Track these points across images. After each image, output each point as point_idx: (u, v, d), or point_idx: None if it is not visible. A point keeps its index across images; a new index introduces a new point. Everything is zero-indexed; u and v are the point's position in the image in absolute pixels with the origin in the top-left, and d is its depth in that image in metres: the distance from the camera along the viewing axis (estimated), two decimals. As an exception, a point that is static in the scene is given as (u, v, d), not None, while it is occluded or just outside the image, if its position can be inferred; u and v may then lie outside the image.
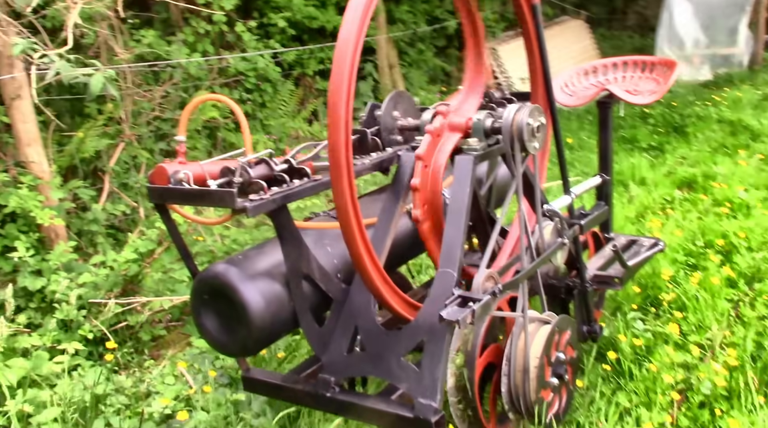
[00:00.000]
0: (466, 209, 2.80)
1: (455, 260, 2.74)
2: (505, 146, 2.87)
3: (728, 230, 5.08)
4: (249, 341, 2.74)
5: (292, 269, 2.76)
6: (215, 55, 7.03)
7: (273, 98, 7.53)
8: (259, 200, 2.55)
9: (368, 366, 2.85)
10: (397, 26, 9.39)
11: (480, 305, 2.60)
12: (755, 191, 5.95)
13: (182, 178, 2.64)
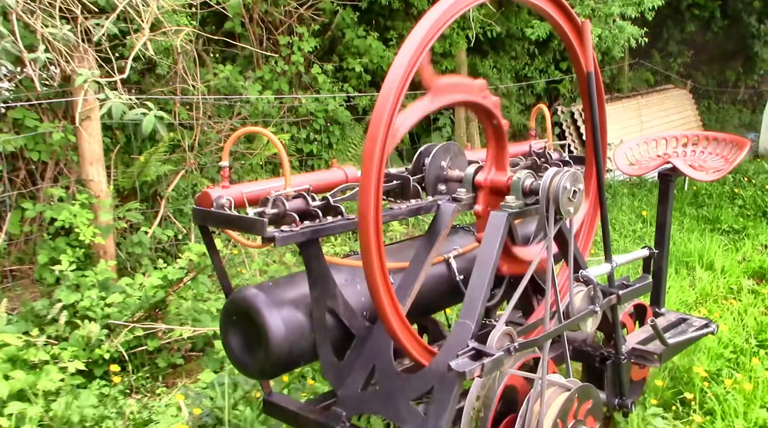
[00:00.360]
0: (493, 263, 2.79)
1: (475, 312, 2.73)
2: (541, 208, 2.87)
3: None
4: (267, 364, 2.80)
5: (317, 302, 2.82)
6: (288, 95, 7.13)
7: (340, 140, 7.56)
8: (288, 231, 2.64)
9: (379, 405, 2.87)
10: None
11: (491, 361, 2.60)
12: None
13: (224, 203, 2.76)
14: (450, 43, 8.02)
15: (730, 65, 14.11)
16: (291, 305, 2.84)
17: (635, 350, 3.59)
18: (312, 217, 2.79)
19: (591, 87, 3.15)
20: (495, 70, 9.54)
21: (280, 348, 2.76)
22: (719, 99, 13.86)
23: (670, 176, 3.95)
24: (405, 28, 8.11)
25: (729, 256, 6.46)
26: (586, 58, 3.13)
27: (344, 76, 7.92)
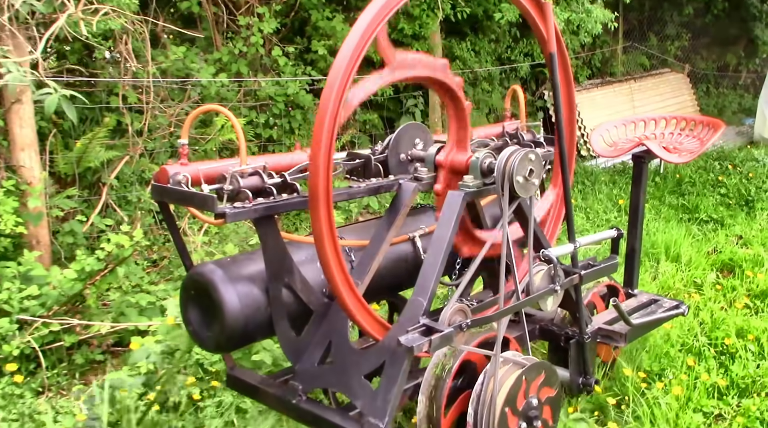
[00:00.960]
0: (447, 242, 2.74)
1: (428, 290, 2.70)
2: (497, 187, 2.81)
3: (745, 328, 4.31)
4: (222, 338, 2.79)
5: (272, 278, 2.79)
6: (248, 78, 6.73)
7: (303, 125, 7.07)
8: (241, 207, 2.62)
9: (333, 379, 2.86)
10: (455, 64, 8.73)
11: (439, 336, 2.58)
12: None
13: (181, 180, 2.73)
14: (420, 24, 7.53)
15: (731, 49, 13.38)
16: (247, 281, 2.81)
17: (601, 330, 3.52)
18: (267, 194, 2.76)
19: (554, 67, 3.06)
20: (473, 53, 9.00)
21: (235, 322, 2.74)
22: (719, 83, 13.21)
23: (643, 158, 3.85)
24: None
25: (699, 247, 6.02)
26: (549, 39, 3.03)
27: (311, 59, 7.39)
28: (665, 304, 3.89)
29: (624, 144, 3.96)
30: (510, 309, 2.90)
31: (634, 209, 3.91)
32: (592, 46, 10.82)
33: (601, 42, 11.01)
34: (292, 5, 7.23)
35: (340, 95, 2.39)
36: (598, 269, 3.38)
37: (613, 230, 3.58)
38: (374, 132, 7.88)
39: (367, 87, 2.54)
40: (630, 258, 4.03)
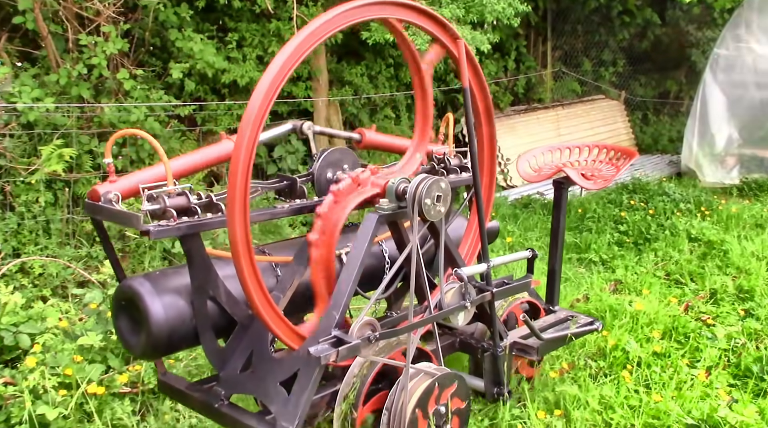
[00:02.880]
0: (361, 260, 2.73)
1: (341, 304, 2.69)
2: (408, 210, 2.78)
3: (579, 399, 3.65)
4: (148, 346, 2.76)
5: (198, 291, 2.77)
6: (92, 103, 5.74)
7: (155, 155, 5.97)
8: (165, 226, 2.60)
9: (252, 386, 2.84)
10: (345, 90, 7.89)
11: (346, 347, 2.57)
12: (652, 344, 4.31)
13: (111, 198, 2.69)
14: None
15: (672, 75, 12.77)
16: (174, 293, 2.78)
17: (516, 343, 3.49)
18: (192, 213, 2.71)
19: (466, 102, 3.02)
20: (366, 78, 8.08)
21: (159, 332, 2.72)
22: (659, 111, 12.54)
23: (563, 184, 3.82)
24: (249, 30, 6.86)
25: (567, 294, 5.19)
26: (462, 74, 3.00)
27: (167, 82, 6.44)
28: (581, 320, 3.84)
29: (547, 170, 3.93)
30: (419, 323, 2.86)
31: (554, 231, 3.88)
32: (515, 71, 10.37)
33: (526, 68, 10.53)
34: (147, 24, 6.29)
35: (253, 137, 2.39)
36: (511, 286, 3.33)
37: (528, 251, 3.54)
38: (257, 161, 7.00)
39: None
40: (551, 277, 3.99)
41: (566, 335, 3.65)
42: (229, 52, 6.63)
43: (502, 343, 3.37)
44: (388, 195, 2.86)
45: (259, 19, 6.94)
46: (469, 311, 3.07)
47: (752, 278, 5.41)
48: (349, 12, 2.61)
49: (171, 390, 3.10)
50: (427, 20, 2.91)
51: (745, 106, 9.16)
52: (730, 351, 4.33)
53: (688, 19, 12.26)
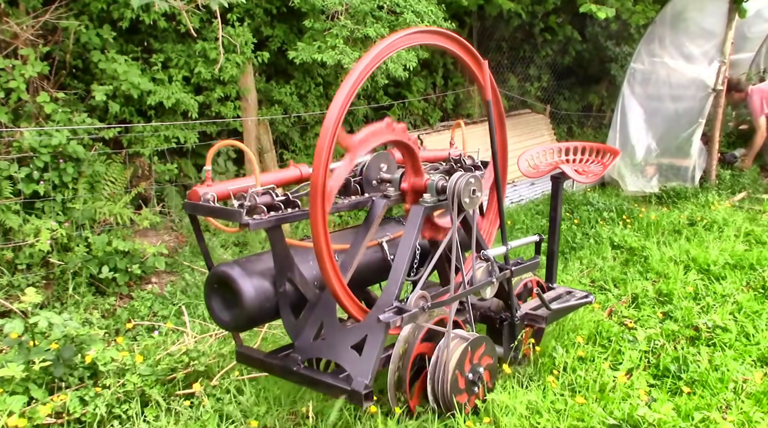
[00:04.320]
0: (412, 244, 3.90)
1: (398, 281, 3.85)
2: (448, 203, 4.00)
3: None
4: (241, 320, 3.85)
5: (279, 273, 3.85)
6: (10, 127, 6.23)
7: (79, 180, 6.60)
8: (259, 219, 3.68)
9: (326, 350, 3.93)
10: (274, 109, 8.57)
11: (408, 315, 3.74)
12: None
13: (209, 198, 3.78)
14: (220, 68, 7.32)
15: (594, 89, 14.44)
16: (260, 276, 3.86)
17: (527, 314, 4.78)
18: (276, 209, 3.81)
19: (490, 111, 4.28)
20: (296, 97, 8.80)
21: (252, 307, 3.79)
22: (583, 123, 14.06)
23: (559, 179, 5.16)
24: (175, 51, 7.44)
25: None
26: (485, 89, 4.26)
27: (90, 105, 6.94)
28: (577, 294, 5.21)
29: (544, 167, 5.24)
30: (459, 295, 4.07)
31: (552, 219, 5.23)
32: (444, 88, 11.36)
33: (454, 84, 11.57)
34: (69, 45, 6.81)
35: (332, 138, 3.44)
36: (525, 265, 4.63)
37: (536, 236, 4.87)
38: (188, 182, 7.82)
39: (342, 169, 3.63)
40: (550, 259, 5.35)
41: (569, 306, 4.99)
42: (154, 74, 7.16)
43: (517, 314, 4.66)
44: (429, 191, 4.05)
45: (184, 39, 7.53)
46: (495, 285, 4.32)
47: (670, 282, 6.49)
48: (405, 38, 3.74)
49: (249, 359, 4.19)
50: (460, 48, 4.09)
51: (661, 117, 10.67)
52: (650, 353, 5.20)
53: (607, 35, 13.89)
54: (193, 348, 4.89)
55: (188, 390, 4.48)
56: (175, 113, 7.36)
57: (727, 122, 12.25)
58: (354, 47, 7.47)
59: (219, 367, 4.79)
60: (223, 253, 7.10)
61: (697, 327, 5.58)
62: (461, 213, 4.08)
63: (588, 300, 5.21)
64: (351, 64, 7.03)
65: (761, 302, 6.11)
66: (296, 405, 4.35)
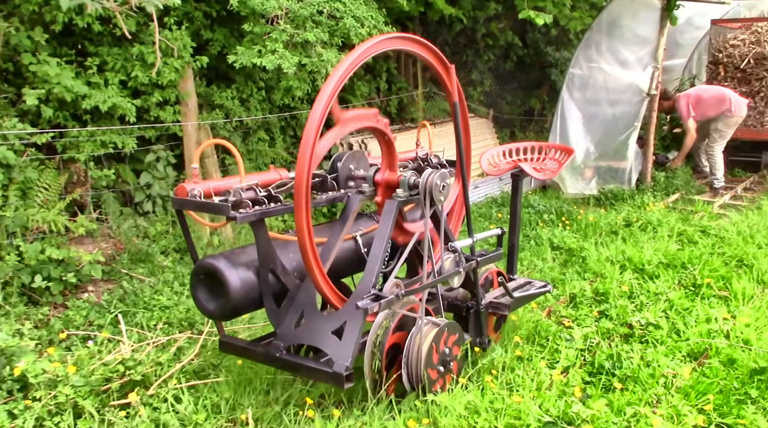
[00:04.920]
0: (387, 236, 4.42)
1: (374, 270, 4.36)
2: (420, 197, 4.53)
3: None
4: (227, 309, 4.31)
5: (262, 265, 4.32)
6: None
7: (10, 187, 6.76)
8: (245, 213, 4.16)
9: (308, 337, 4.41)
10: (215, 113, 8.91)
11: (385, 300, 4.26)
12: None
13: (196, 193, 4.23)
14: (158, 72, 7.54)
15: (535, 94, 15.67)
16: (244, 267, 4.33)
17: (492, 303, 5.38)
18: (260, 203, 4.29)
19: (456, 112, 4.86)
20: (238, 101, 9.24)
21: (237, 297, 4.26)
22: (526, 127, 15.18)
23: (519, 176, 5.79)
24: (111, 54, 7.68)
25: None
26: (453, 92, 4.83)
27: (21, 109, 7.09)
28: (536, 284, 5.84)
29: (504, 166, 5.86)
30: (430, 284, 4.59)
31: (513, 214, 5.86)
32: (387, 92, 12.13)
33: (398, 88, 12.42)
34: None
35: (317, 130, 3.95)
36: (489, 256, 5.22)
37: (498, 229, 5.46)
38: (125, 188, 8.09)
39: (329, 139, 4.16)
40: (511, 251, 5.99)
41: (529, 294, 5.62)
42: (89, 77, 7.33)
43: (482, 302, 5.21)
44: (402, 186, 4.55)
45: (120, 43, 7.78)
46: (462, 275, 4.87)
47: (607, 282, 7.02)
48: (383, 42, 4.29)
49: (233, 348, 4.65)
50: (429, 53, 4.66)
51: (599, 121, 11.55)
52: (586, 351, 5.56)
53: (547, 41, 14.86)
54: (129, 357, 5.06)
55: (124, 400, 4.67)
56: (112, 117, 7.59)
57: (662, 125, 13.35)
58: (294, 52, 7.85)
59: (156, 376, 4.98)
60: (163, 260, 7.51)
61: (631, 324, 6.05)
62: (432, 207, 4.64)
63: (547, 289, 5.87)
64: (291, 68, 7.53)
65: (691, 300, 6.65)
66: (235, 412, 4.65)
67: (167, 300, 6.61)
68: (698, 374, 5.17)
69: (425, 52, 4.67)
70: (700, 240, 8.76)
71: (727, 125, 11.50)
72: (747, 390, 4.89)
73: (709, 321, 6.15)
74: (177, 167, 8.55)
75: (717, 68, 13.03)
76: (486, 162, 5.95)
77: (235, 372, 5.03)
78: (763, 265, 7.55)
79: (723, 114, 11.38)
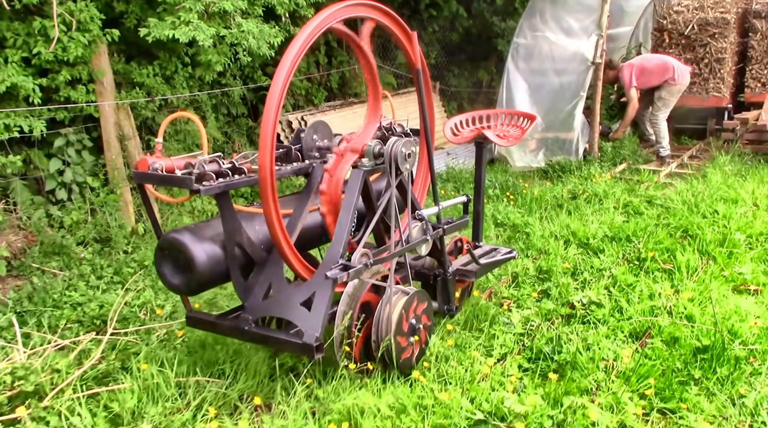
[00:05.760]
0: (353, 205, 4.71)
1: (342, 240, 4.66)
2: (386, 166, 4.87)
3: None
4: (192, 284, 4.60)
5: (228, 238, 4.59)
6: None
7: None
8: (209, 185, 4.41)
9: (276, 308, 4.71)
10: (136, 92, 8.84)
11: (354, 270, 4.57)
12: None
13: (158, 167, 4.46)
14: (63, 47, 7.60)
15: (483, 66, 16.26)
16: (209, 241, 4.61)
17: (458, 270, 5.76)
18: (224, 176, 4.56)
19: (419, 80, 5.22)
20: (161, 79, 9.20)
21: (203, 271, 4.54)
22: (474, 100, 15.75)
23: (483, 144, 6.18)
24: (11, 29, 7.65)
25: None
26: (415, 60, 5.20)
27: None
28: (502, 251, 6.24)
29: (468, 133, 6.23)
30: (398, 252, 4.92)
31: (477, 182, 6.23)
32: (328, 66, 12.38)
33: (338, 62, 12.74)
34: None
35: (278, 102, 4.29)
36: (455, 224, 5.59)
37: (464, 196, 5.85)
38: (38, 175, 8.13)
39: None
40: (476, 219, 6.36)
41: (495, 261, 6.02)
42: None
43: (449, 270, 5.58)
44: (366, 155, 4.87)
45: (24, 17, 7.67)
46: (430, 243, 5.22)
47: (551, 259, 7.36)
48: (342, 10, 4.61)
49: (201, 322, 4.94)
50: (392, 21, 5.05)
51: (545, 92, 12.12)
52: (525, 335, 5.75)
53: (493, 11, 15.29)
54: (20, 365, 4.82)
55: (11, 415, 4.46)
56: (12, 97, 7.47)
57: (609, 95, 14.11)
58: (210, 23, 7.75)
59: (53, 384, 4.78)
60: (81, 252, 7.67)
61: (573, 304, 6.28)
62: (398, 176, 4.98)
63: (512, 255, 6.29)
64: (207, 41, 7.45)
65: (636, 274, 6.99)
66: (137, 423, 4.60)
67: (80, 296, 6.58)
68: (640, 355, 5.36)
69: (387, 19, 5.02)
70: (646, 211, 9.31)
71: (670, 93, 12.30)
72: (690, 371, 5.11)
73: (652, 297, 6.45)
74: (95, 151, 8.49)
75: (662, 35, 13.74)
76: (449, 130, 6.36)
77: (142, 377, 4.96)
78: (707, 235, 7.99)
79: (666, 83, 12.17)
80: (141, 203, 6.81)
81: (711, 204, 9.31)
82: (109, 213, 8.18)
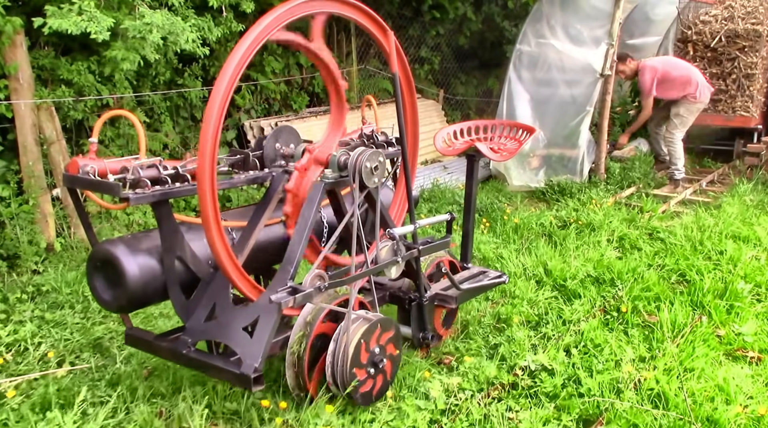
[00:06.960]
0: (310, 223, 4.34)
1: (294, 259, 4.28)
2: (349, 179, 4.46)
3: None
4: (123, 300, 4.24)
5: (167, 252, 4.23)
6: None
7: None
8: (141, 193, 4.06)
9: (218, 332, 4.34)
10: (62, 90, 7.90)
11: (302, 295, 4.17)
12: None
13: (89, 171, 4.11)
14: None
15: (494, 73, 15.38)
16: (146, 254, 4.24)
17: (438, 294, 5.36)
18: (163, 183, 4.20)
19: (396, 85, 4.74)
20: (94, 77, 8.23)
21: (135, 287, 4.18)
22: (483, 110, 15.00)
23: (474, 157, 5.78)
24: None
25: None
26: (391, 62, 4.73)
27: None
28: (491, 275, 5.82)
29: (459, 145, 5.84)
30: (360, 275, 4.52)
31: (467, 198, 5.84)
32: (311, 68, 11.66)
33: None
34: None
35: (223, 105, 3.87)
36: (433, 244, 5.18)
37: (447, 214, 5.44)
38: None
39: None
40: (465, 238, 5.94)
41: (480, 285, 5.58)
42: None
43: (426, 294, 5.20)
44: (331, 166, 4.48)
45: None
46: (400, 265, 4.82)
47: (515, 304, 6.42)
48: (300, 6, 4.16)
49: (139, 341, 4.57)
50: (361, 15, 4.60)
51: (549, 104, 11.21)
52: (447, 413, 4.83)
53: (504, 15, 14.65)
54: None
55: None
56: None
57: (626, 110, 13.12)
58: (108, 12, 6.88)
59: None
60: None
61: (517, 372, 5.25)
62: (363, 190, 4.58)
63: (502, 280, 5.86)
64: (101, 34, 6.53)
65: (611, 329, 6.02)
66: None
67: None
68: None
69: (357, 13, 4.60)
70: (645, 246, 8.27)
71: (689, 111, 11.32)
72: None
73: (619, 365, 5.37)
74: (9, 155, 7.64)
75: (686, 47, 12.76)
76: (441, 141, 5.95)
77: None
78: (706, 282, 6.88)
79: (686, 98, 11.18)
80: (64, 216, 6.38)
81: (718, 243, 8.14)
82: (20, 227, 7.28)
